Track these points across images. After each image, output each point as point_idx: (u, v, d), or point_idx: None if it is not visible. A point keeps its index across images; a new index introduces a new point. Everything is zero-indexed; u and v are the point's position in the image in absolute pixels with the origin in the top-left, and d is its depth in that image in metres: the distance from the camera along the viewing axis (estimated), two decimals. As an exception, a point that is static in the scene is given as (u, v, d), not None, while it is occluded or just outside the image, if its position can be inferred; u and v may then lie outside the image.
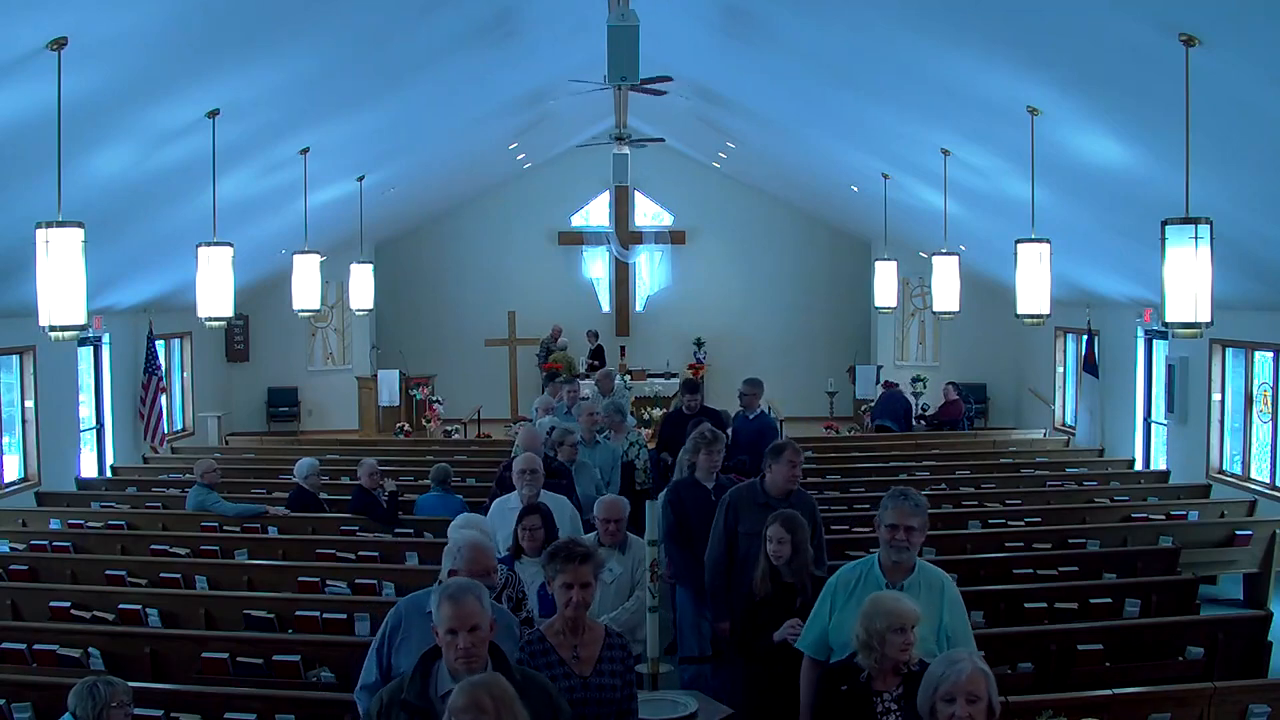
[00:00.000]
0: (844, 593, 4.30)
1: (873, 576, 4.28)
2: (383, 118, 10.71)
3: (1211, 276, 5.85)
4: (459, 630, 3.31)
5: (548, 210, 19.35)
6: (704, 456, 6.35)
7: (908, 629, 3.69)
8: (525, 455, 6.50)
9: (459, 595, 3.36)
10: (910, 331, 18.28)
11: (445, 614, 3.34)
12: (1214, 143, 6.40)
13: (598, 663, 3.94)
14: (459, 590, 3.39)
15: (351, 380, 17.68)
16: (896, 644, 3.67)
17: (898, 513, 4.20)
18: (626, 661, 4.02)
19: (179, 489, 10.35)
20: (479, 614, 3.35)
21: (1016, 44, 6.87)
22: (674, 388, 17.52)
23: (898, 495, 4.28)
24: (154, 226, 10.11)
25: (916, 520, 4.21)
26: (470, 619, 3.32)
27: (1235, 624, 6.28)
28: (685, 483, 6.48)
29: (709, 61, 11.60)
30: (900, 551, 4.21)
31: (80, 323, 5.81)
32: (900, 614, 3.70)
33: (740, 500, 5.83)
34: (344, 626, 6.39)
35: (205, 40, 6.57)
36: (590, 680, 3.91)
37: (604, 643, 3.99)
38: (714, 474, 6.39)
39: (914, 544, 4.24)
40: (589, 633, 3.98)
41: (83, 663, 5.86)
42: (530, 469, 6.29)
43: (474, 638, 3.32)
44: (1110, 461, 12.30)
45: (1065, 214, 9.59)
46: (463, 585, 3.43)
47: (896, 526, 4.20)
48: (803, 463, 6.00)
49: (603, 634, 4.03)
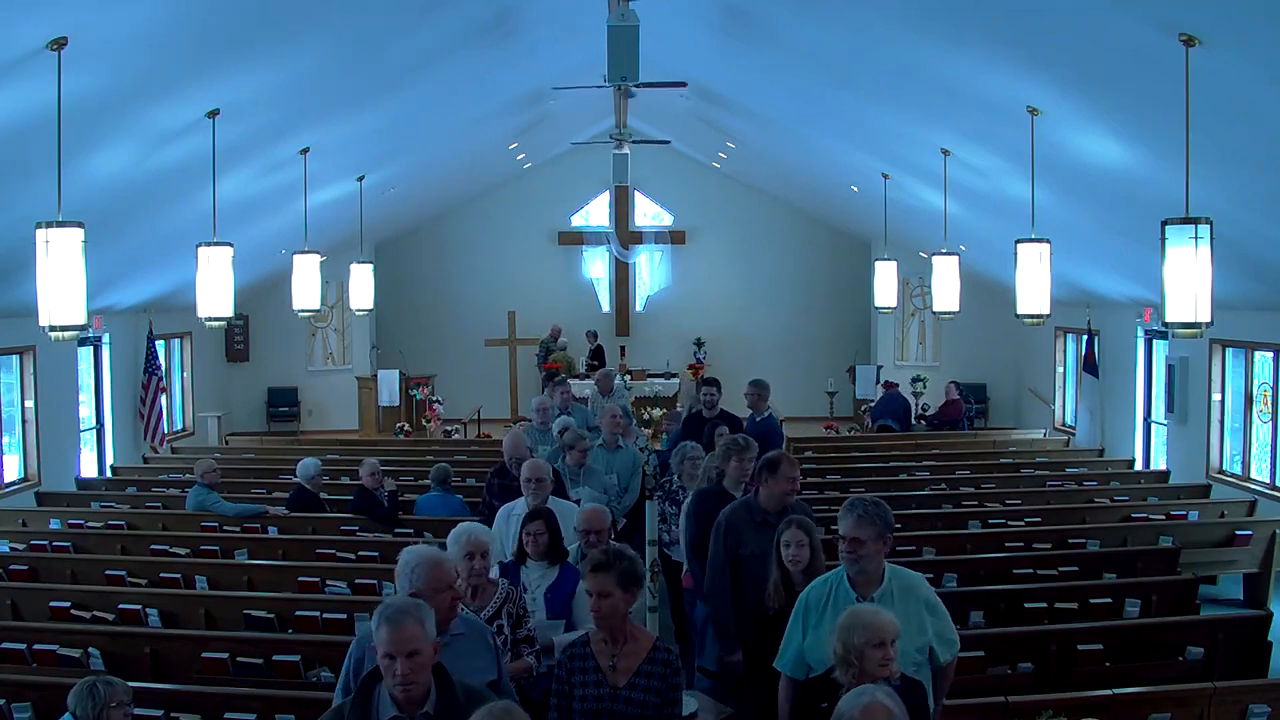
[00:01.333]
0: (816, 610, 4.20)
1: (843, 590, 4.17)
2: (383, 118, 10.71)
3: (1211, 276, 5.85)
4: (396, 655, 3.14)
5: (548, 210, 19.35)
6: (735, 464, 6.05)
7: (887, 643, 3.57)
8: (530, 464, 6.36)
9: (397, 618, 3.17)
10: (910, 331, 18.28)
11: (383, 637, 3.17)
12: (1214, 143, 6.40)
13: (634, 675, 3.80)
14: (397, 613, 3.19)
15: (351, 380, 17.69)
16: (875, 659, 3.55)
17: (846, 525, 4.12)
18: (670, 678, 3.84)
19: (179, 489, 10.35)
20: (419, 638, 3.17)
21: (1016, 44, 6.87)
22: (674, 388, 17.55)
23: (849, 507, 4.17)
24: (154, 226, 10.11)
25: (866, 532, 4.08)
26: (408, 643, 3.14)
27: (1235, 624, 6.28)
28: (711, 492, 6.12)
29: (709, 61, 11.60)
30: (854, 563, 4.12)
31: (80, 323, 5.81)
32: (878, 628, 3.59)
33: (736, 521, 5.48)
34: (344, 626, 6.39)
35: (205, 40, 6.57)
36: (621, 692, 3.78)
37: (647, 655, 3.84)
38: (742, 483, 6.03)
39: (863, 556, 4.10)
40: (632, 643, 3.85)
41: (83, 663, 5.86)
42: (536, 477, 6.17)
43: (413, 663, 3.15)
44: (1110, 461, 12.30)
45: (1065, 214, 9.59)
46: (402, 607, 3.23)
47: (845, 538, 4.12)
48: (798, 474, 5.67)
49: (649, 646, 3.87)
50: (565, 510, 6.15)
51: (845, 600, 4.10)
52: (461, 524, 4.82)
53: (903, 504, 9.71)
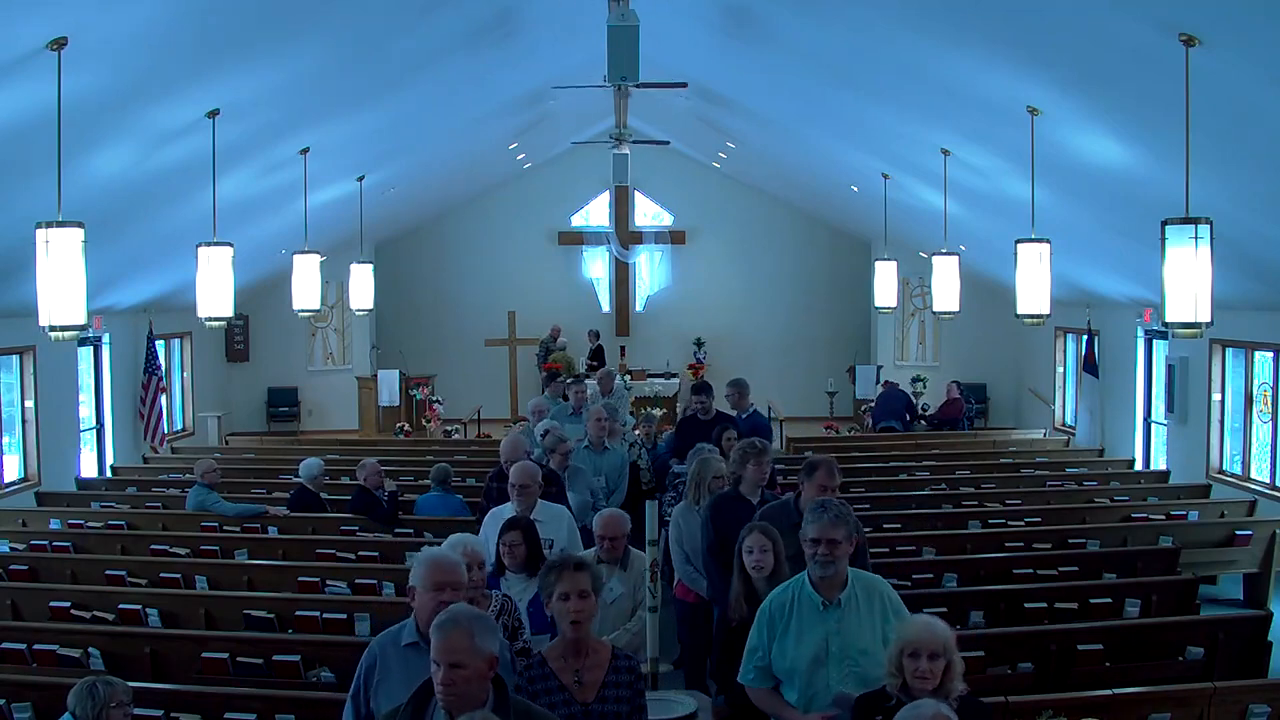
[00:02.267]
0: (780, 618, 4.11)
1: (805, 595, 4.10)
2: (383, 118, 10.71)
3: (1211, 276, 5.85)
4: (441, 663, 3.11)
5: (548, 210, 19.34)
6: (752, 468, 5.88)
7: (922, 654, 3.40)
8: (519, 467, 6.02)
9: (445, 626, 3.15)
10: (910, 331, 18.28)
11: (433, 643, 3.15)
12: (1214, 143, 6.40)
13: (602, 688, 3.68)
14: (448, 620, 3.16)
15: (351, 380, 17.68)
16: (909, 669, 3.42)
17: (819, 526, 4.05)
18: (635, 685, 3.75)
19: (179, 489, 10.35)
20: (463, 651, 3.10)
21: (1016, 44, 6.87)
22: (674, 388, 17.53)
23: (818, 508, 4.12)
24: (154, 226, 10.11)
25: (839, 532, 4.06)
26: (452, 654, 3.10)
27: (1235, 624, 6.28)
28: (728, 496, 5.96)
29: (709, 61, 11.60)
30: (825, 566, 4.05)
31: (80, 323, 5.81)
32: (914, 636, 3.45)
33: (772, 522, 5.21)
34: (344, 626, 6.39)
35: (205, 40, 6.57)
36: (593, 707, 3.66)
37: (610, 666, 3.72)
38: (760, 488, 5.90)
39: (838, 557, 4.07)
40: (593, 655, 3.73)
41: (83, 663, 5.86)
42: (523, 482, 5.87)
43: (454, 674, 3.09)
44: (1110, 461, 12.31)
45: (1065, 214, 9.59)
46: (454, 616, 3.18)
47: (819, 540, 4.04)
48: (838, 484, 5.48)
49: (608, 656, 3.76)
50: (554, 514, 5.97)
51: (810, 606, 4.07)
52: (457, 534, 4.63)
53: (903, 504, 9.74)
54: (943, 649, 3.45)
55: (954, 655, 3.49)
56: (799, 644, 4.08)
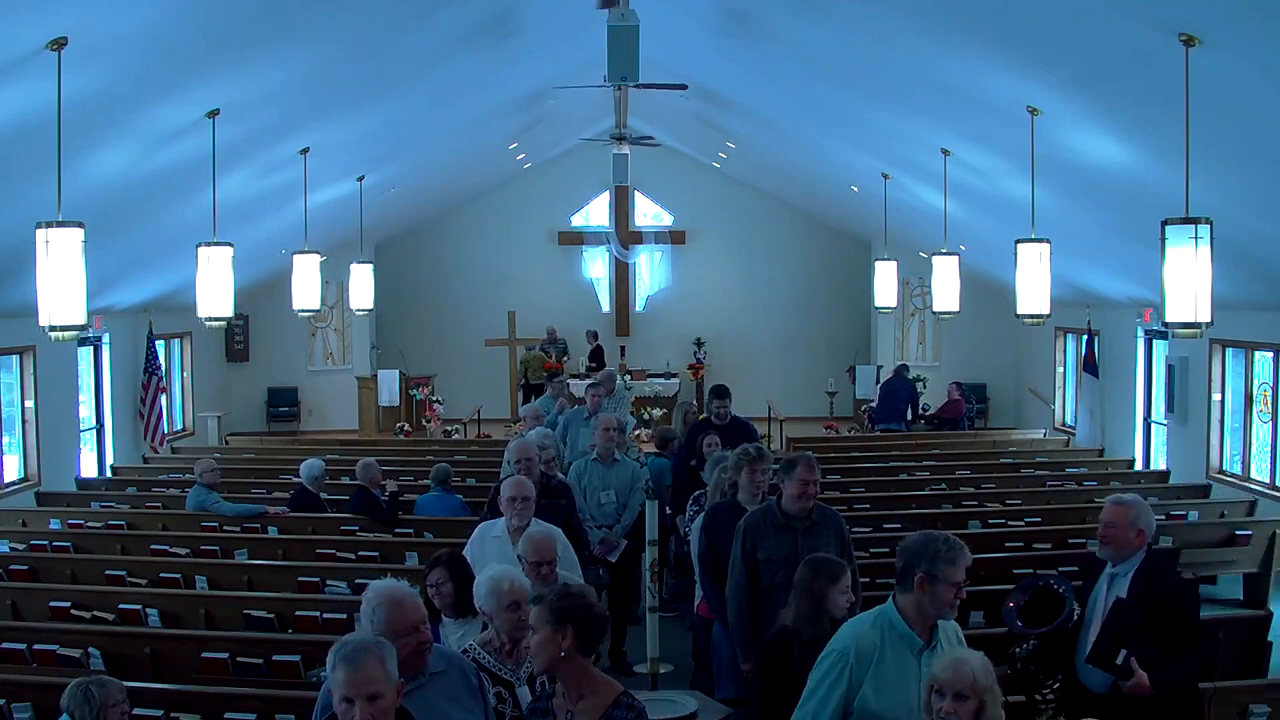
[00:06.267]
0: (867, 658, 3.63)
1: (899, 632, 3.65)
2: (383, 118, 10.71)
3: (1211, 276, 5.84)
4: (355, 699, 2.83)
5: (548, 210, 19.35)
6: (746, 475, 5.71)
7: (947, 693, 3.14)
8: (512, 480, 5.59)
9: (356, 657, 2.86)
10: (910, 331, 18.28)
11: (340, 679, 2.85)
12: (1214, 143, 6.40)
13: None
14: (356, 651, 2.87)
15: (351, 380, 17.68)
16: (935, 708, 3.17)
17: (963, 567, 3.68)
18: None
19: (179, 489, 10.35)
20: (381, 679, 2.85)
21: (1017, 44, 6.87)
22: (674, 388, 17.52)
23: (960, 546, 3.72)
24: (154, 226, 10.11)
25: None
26: (369, 685, 2.83)
27: (1235, 624, 6.27)
28: (724, 506, 5.79)
29: (709, 61, 11.60)
30: (954, 609, 3.67)
31: (80, 323, 5.80)
32: (938, 675, 3.18)
33: (756, 524, 5.28)
34: (344, 626, 6.37)
35: (205, 40, 6.57)
36: None
37: (605, 713, 3.37)
38: (757, 496, 5.68)
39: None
40: (592, 697, 3.38)
41: (83, 663, 5.85)
42: (518, 495, 5.39)
43: (374, 708, 2.83)
44: (1110, 461, 12.31)
45: (1065, 214, 9.59)
46: (361, 645, 2.90)
47: (960, 584, 3.69)
48: (818, 478, 5.37)
49: (609, 700, 3.39)
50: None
51: (908, 645, 3.64)
52: (498, 569, 4.08)
53: (903, 504, 9.74)
54: (970, 689, 3.17)
55: (987, 695, 3.20)
56: (896, 690, 3.60)
